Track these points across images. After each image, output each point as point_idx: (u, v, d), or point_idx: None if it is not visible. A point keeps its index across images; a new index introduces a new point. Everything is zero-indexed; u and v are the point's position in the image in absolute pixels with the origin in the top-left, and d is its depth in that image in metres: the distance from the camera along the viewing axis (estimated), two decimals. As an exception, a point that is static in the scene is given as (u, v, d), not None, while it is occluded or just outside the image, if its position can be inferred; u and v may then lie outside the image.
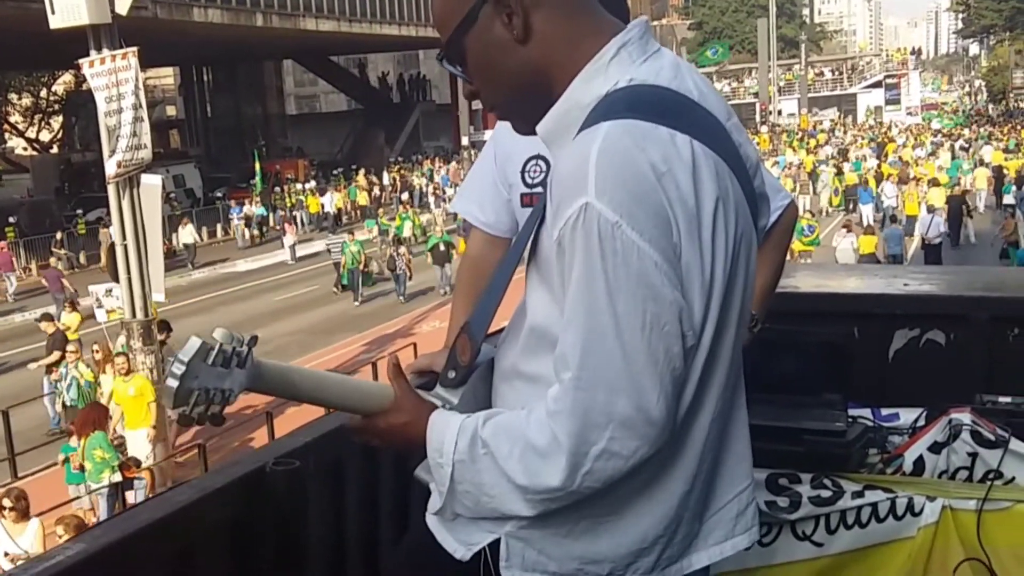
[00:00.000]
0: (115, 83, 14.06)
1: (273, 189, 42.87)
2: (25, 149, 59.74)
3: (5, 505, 9.48)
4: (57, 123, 59.57)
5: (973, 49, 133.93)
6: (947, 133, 59.42)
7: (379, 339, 21.36)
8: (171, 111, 70.61)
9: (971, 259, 24.95)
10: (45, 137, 59.66)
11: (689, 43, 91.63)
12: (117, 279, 15.18)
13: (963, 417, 3.20)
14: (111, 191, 14.73)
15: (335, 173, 48.17)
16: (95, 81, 14.25)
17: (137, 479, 12.64)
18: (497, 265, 1.99)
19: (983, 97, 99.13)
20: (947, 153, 45.42)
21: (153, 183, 15.16)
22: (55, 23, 14.02)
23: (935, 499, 3.09)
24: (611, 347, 1.57)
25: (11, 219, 34.82)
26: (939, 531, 3.08)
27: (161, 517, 2.34)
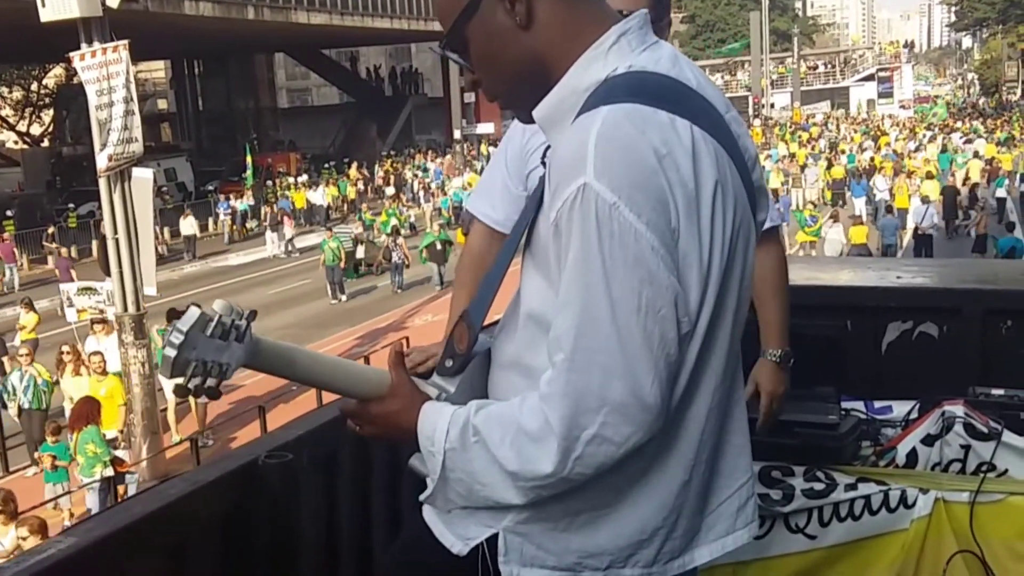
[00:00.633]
0: (106, 76, 14.02)
1: (265, 183, 42.76)
2: (16, 143, 59.41)
3: (-8, 507, 9.43)
4: (48, 117, 59.27)
5: (966, 42, 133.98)
6: (941, 126, 59.41)
7: (372, 333, 21.33)
8: (162, 104, 70.32)
9: (963, 252, 25.00)
10: (36, 131, 59.37)
11: (682, 36, 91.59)
12: (109, 273, 15.14)
13: (956, 409, 3.21)
14: (102, 185, 14.69)
15: (327, 166, 48.06)
16: (86, 74, 14.20)
17: (129, 473, 12.63)
18: (497, 253, 1.98)
19: (976, 90, 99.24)
20: (933, 146, 45.44)
21: (144, 177, 15.13)
22: (46, 16, 13.96)
23: (928, 491, 3.10)
24: (606, 330, 1.56)
25: (8, 212, 34.71)
26: (932, 523, 3.09)
27: (154, 510, 2.34)
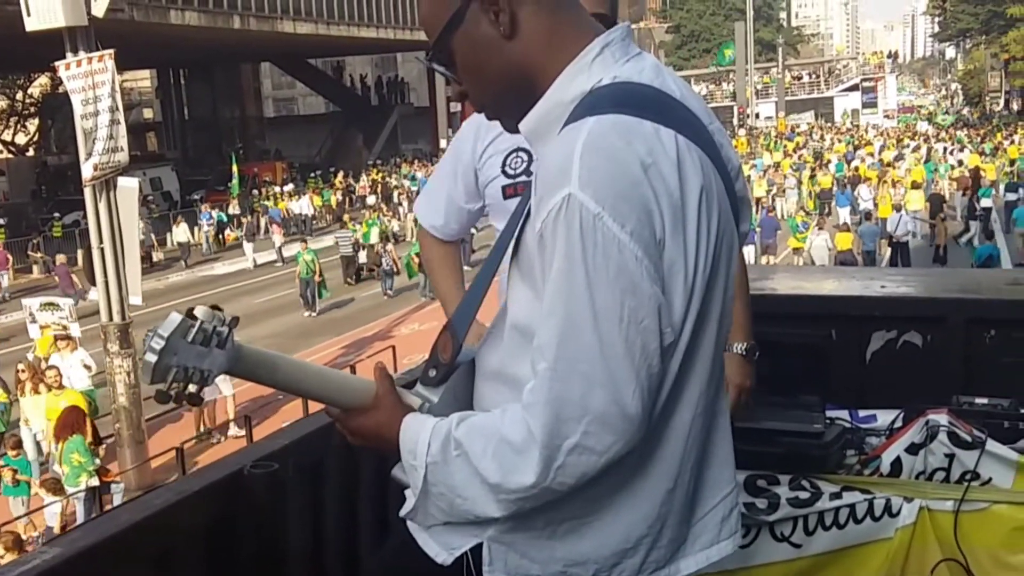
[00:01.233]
0: (91, 85, 13.98)
1: (251, 192, 42.68)
2: (0, 152, 59.27)
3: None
4: (33, 126, 59.09)
5: (949, 53, 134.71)
6: (925, 137, 59.60)
7: (358, 342, 21.30)
8: (148, 114, 70.15)
9: (952, 260, 25.13)
10: (21, 140, 59.22)
11: (667, 46, 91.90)
12: (94, 282, 15.08)
13: (940, 418, 3.22)
14: (88, 194, 14.65)
15: (313, 175, 48.01)
16: (71, 83, 14.16)
17: (115, 483, 12.58)
18: (481, 264, 1.99)
19: (959, 100, 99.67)
20: (916, 155, 45.64)
21: (130, 186, 15.08)
22: (31, 25, 13.93)
23: (912, 500, 3.11)
24: (588, 339, 1.57)
25: (1, 220, 34.64)
26: (916, 532, 3.09)
27: (139, 520, 2.33)
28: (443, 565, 1.83)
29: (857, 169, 40.22)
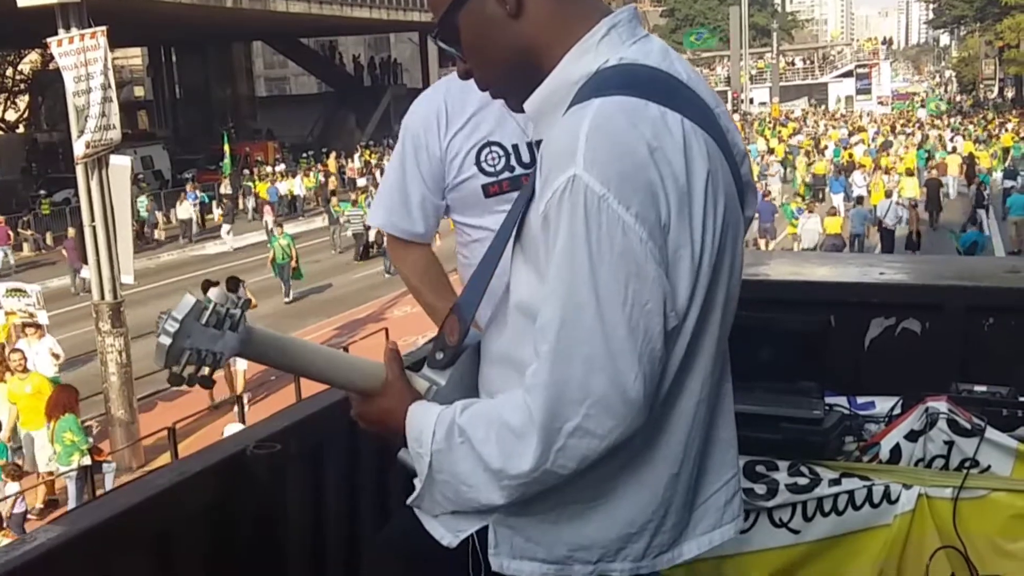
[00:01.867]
0: (84, 63, 13.93)
1: (242, 171, 42.52)
2: (-11, 129, 59.02)
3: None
4: (23, 102, 58.81)
5: (944, 40, 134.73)
6: (919, 124, 59.69)
7: (350, 324, 21.30)
8: (139, 92, 69.78)
9: (947, 245, 25.19)
10: (11, 117, 58.94)
11: (661, 30, 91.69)
12: (86, 260, 15.05)
13: (939, 405, 3.22)
14: (79, 172, 14.63)
15: (305, 156, 47.84)
16: (63, 60, 14.11)
17: (106, 463, 12.58)
18: (488, 246, 1.97)
19: (953, 87, 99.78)
20: (909, 141, 45.74)
21: (122, 164, 15.04)
22: (23, 1, 13.87)
23: (911, 487, 3.12)
24: (591, 322, 1.56)
25: None
26: (915, 519, 3.11)
27: (140, 501, 2.33)
28: (448, 547, 1.83)
29: (851, 155, 40.28)
